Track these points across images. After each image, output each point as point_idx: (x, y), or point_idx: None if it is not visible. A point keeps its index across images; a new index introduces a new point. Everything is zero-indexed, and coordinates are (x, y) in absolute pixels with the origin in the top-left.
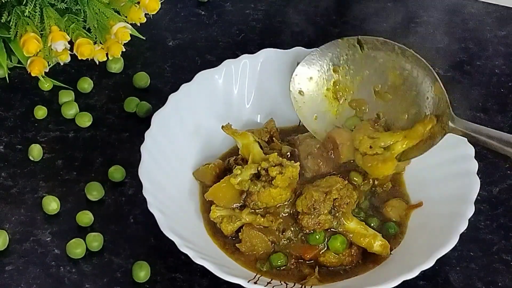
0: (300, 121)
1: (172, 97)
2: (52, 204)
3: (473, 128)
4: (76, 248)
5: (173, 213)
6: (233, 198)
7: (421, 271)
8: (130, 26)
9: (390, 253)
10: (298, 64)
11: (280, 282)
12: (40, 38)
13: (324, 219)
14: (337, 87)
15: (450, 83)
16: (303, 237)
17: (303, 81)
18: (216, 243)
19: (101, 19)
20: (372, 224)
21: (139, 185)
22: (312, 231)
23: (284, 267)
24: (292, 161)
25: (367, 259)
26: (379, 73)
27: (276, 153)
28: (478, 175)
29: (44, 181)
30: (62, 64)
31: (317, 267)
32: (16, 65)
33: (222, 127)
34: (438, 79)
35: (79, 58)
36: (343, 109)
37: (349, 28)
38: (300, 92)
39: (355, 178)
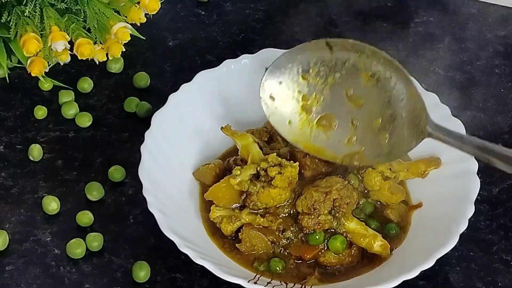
0: None
1: (172, 97)
2: (52, 204)
3: (451, 133)
4: (76, 248)
5: (173, 213)
6: (233, 198)
7: (421, 271)
8: (130, 26)
9: (391, 254)
10: (266, 69)
11: (280, 282)
12: (40, 38)
13: (324, 219)
14: (307, 100)
15: (450, 83)
16: (303, 237)
17: (273, 85)
18: (216, 243)
19: (101, 19)
20: (372, 226)
21: (139, 185)
22: (312, 231)
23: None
24: (291, 161)
25: (367, 260)
26: (350, 75)
27: (275, 154)
28: (478, 175)
29: (44, 181)
30: (62, 64)
31: (317, 267)
32: (16, 65)
33: (221, 128)
34: (413, 83)
35: (79, 58)
36: (315, 128)
37: (349, 28)
38: (271, 97)
39: (352, 181)
